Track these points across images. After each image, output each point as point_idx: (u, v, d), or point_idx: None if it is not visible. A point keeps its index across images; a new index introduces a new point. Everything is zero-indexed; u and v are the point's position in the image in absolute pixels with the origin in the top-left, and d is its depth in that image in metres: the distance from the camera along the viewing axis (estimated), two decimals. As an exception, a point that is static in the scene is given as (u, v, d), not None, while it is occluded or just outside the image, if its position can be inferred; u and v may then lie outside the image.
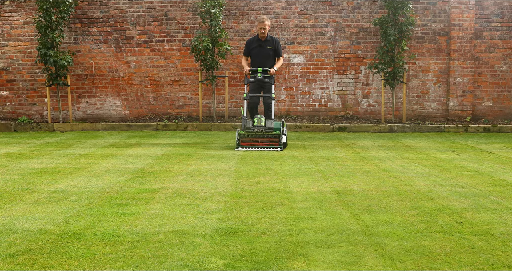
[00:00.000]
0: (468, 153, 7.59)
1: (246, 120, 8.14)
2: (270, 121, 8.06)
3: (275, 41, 8.61)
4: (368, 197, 4.67)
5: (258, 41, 8.62)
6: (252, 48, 8.66)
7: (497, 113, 11.51)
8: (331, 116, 11.59)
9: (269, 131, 7.93)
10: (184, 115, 11.71)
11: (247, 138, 7.93)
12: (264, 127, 7.95)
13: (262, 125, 7.97)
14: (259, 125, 7.97)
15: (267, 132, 7.91)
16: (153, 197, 4.68)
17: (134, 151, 7.75)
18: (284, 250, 3.21)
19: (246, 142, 7.92)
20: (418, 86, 11.51)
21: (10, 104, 11.94)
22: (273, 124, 8.04)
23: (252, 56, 8.72)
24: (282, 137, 7.89)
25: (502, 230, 3.63)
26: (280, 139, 7.85)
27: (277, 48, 8.56)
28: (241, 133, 7.96)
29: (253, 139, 7.94)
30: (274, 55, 8.63)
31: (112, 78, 11.77)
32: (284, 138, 7.96)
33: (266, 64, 8.49)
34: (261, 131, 7.93)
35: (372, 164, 6.56)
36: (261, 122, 8.00)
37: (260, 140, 7.93)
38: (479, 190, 4.96)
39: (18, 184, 5.27)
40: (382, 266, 2.93)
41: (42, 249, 3.24)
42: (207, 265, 2.95)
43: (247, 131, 7.99)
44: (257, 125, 7.98)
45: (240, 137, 7.93)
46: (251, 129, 7.97)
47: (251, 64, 8.68)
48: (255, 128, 7.97)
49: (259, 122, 8.00)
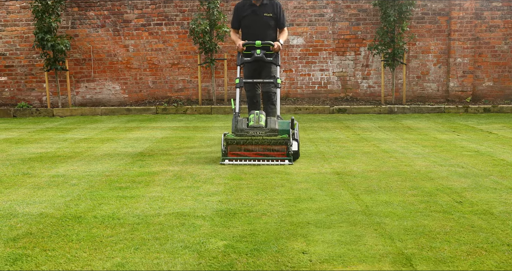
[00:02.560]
0: (468, 133, 7.58)
1: (238, 118, 5.63)
2: (274, 119, 5.57)
3: (276, 5, 6.25)
4: (368, 177, 4.67)
5: (252, 6, 6.21)
6: (243, 16, 6.25)
7: (497, 94, 11.47)
8: (331, 98, 11.56)
9: (272, 134, 5.42)
10: (184, 99, 11.68)
11: (238, 145, 5.38)
12: (264, 128, 5.47)
13: (261, 126, 5.48)
14: (257, 126, 5.47)
15: (269, 137, 5.40)
16: (153, 180, 4.69)
17: (134, 135, 7.75)
18: (284, 230, 3.22)
19: (236, 151, 5.39)
20: (418, 67, 11.45)
21: (9, 90, 11.90)
22: (278, 124, 5.54)
23: (243, 28, 6.31)
24: (292, 144, 5.40)
25: (501, 209, 3.64)
26: (289, 146, 5.33)
27: (279, 15, 6.24)
28: (229, 139, 5.37)
29: (248, 146, 5.38)
30: (275, 25, 6.27)
31: (110, 63, 11.72)
32: (295, 145, 5.41)
33: (265, 38, 6.11)
34: (260, 135, 5.41)
35: (372, 145, 6.55)
36: (260, 121, 5.51)
37: (258, 148, 5.40)
38: (479, 169, 4.96)
39: (18, 169, 5.27)
40: (382, 245, 2.94)
41: (43, 232, 3.24)
42: (208, 246, 2.96)
43: (238, 135, 5.44)
44: (254, 126, 5.48)
45: (228, 144, 5.37)
46: (245, 132, 5.44)
47: (244, 39, 6.27)
48: (251, 130, 5.44)
49: (257, 121, 5.51)
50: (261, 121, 5.52)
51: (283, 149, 5.33)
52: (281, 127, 5.50)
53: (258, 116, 5.55)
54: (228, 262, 2.72)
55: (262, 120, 5.53)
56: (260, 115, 5.57)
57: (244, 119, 5.58)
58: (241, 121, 5.54)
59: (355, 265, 2.66)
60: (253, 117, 5.56)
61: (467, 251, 2.84)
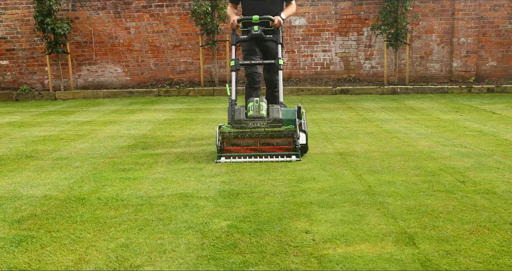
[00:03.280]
0: (472, 114, 7.55)
1: (235, 107, 4.90)
2: (277, 108, 4.83)
3: None
4: (371, 157, 4.67)
5: None
6: None
7: (501, 74, 11.39)
8: (334, 79, 11.50)
9: (275, 125, 4.71)
10: (186, 81, 11.65)
11: (235, 139, 4.65)
12: (266, 118, 4.74)
13: (262, 116, 4.75)
14: (257, 116, 4.74)
15: (271, 129, 4.65)
16: (156, 161, 4.70)
17: (136, 117, 7.75)
18: (287, 210, 3.23)
19: (233, 147, 4.67)
20: (421, 47, 11.37)
21: (11, 73, 11.87)
22: (282, 113, 4.81)
23: (244, 2, 5.59)
24: (299, 136, 4.70)
25: (504, 188, 3.64)
26: (296, 139, 4.62)
27: None
28: (225, 132, 4.66)
29: (247, 140, 4.66)
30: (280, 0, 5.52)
31: (112, 45, 11.66)
32: (303, 137, 4.72)
33: (269, 14, 5.31)
34: (261, 126, 4.69)
35: (375, 125, 6.54)
36: (261, 110, 4.79)
37: (259, 142, 4.67)
38: (482, 149, 4.96)
39: (21, 152, 5.28)
40: (384, 224, 2.95)
41: (47, 214, 3.26)
42: (211, 226, 2.97)
43: (236, 127, 4.72)
44: (254, 116, 4.74)
45: (224, 138, 4.66)
46: (243, 124, 4.70)
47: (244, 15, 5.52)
48: (251, 121, 4.71)
49: (257, 110, 4.79)
50: (262, 110, 4.79)
51: (289, 142, 4.64)
52: (286, 116, 4.80)
53: (258, 105, 4.81)
54: (232, 242, 2.73)
55: (263, 109, 4.80)
56: (261, 103, 4.83)
57: (242, 109, 4.83)
58: (239, 111, 4.80)
59: (357, 244, 2.68)
60: (252, 106, 4.81)
61: (470, 230, 2.85)
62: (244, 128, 4.68)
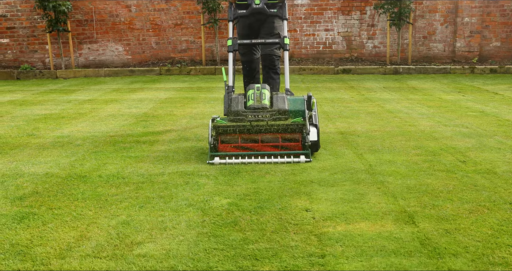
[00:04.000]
0: (474, 94, 7.52)
1: (232, 95, 4.13)
2: (282, 96, 4.08)
3: None
4: (372, 137, 4.66)
5: None
6: None
7: (505, 54, 11.31)
8: (336, 59, 11.44)
9: (280, 118, 3.97)
10: (187, 60, 11.59)
11: (231, 135, 3.95)
12: (269, 109, 3.99)
13: (265, 106, 3.99)
14: (259, 106, 3.99)
15: (275, 122, 3.94)
16: (157, 139, 4.70)
17: (138, 96, 7.73)
18: (287, 189, 3.24)
19: (230, 144, 3.97)
20: (424, 27, 11.27)
21: (12, 52, 11.81)
22: (288, 102, 4.06)
23: None
24: (310, 131, 3.94)
25: (505, 168, 3.64)
26: (305, 134, 3.90)
27: None
28: (219, 126, 3.94)
29: (246, 136, 3.95)
30: None
31: (113, 23, 11.57)
32: (314, 133, 3.95)
33: None
34: (263, 119, 3.95)
35: (377, 105, 6.52)
36: (263, 100, 4.03)
37: (261, 138, 3.94)
38: (483, 130, 4.95)
39: (23, 130, 5.29)
40: (384, 203, 2.96)
41: (49, 191, 3.28)
42: (212, 204, 2.98)
43: (233, 119, 4.00)
44: (254, 107, 3.99)
45: (219, 133, 3.95)
46: (242, 116, 3.97)
47: None
48: (251, 112, 3.98)
49: (258, 99, 4.03)
50: (265, 99, 4.02)
51: (297, 138, 3.94)
52: (293, 107, 4.04)
53: (259, 93, 4.04)
54: (232, 219, 2.75)
55: (266, 98, 4.03)
56: (263, 90, 4.06)
57: (241, 97, 4.07)
58: (236, 100, 4.04)
59: (357, 222, 2.69)
60: (253, 94, 4.04)
61: (469, 209, 2.86)
62: (242, 121, 3.95)
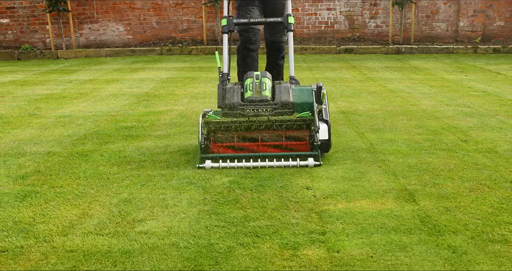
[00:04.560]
0: (476, 74, 7.49)
1: (227, 85, 3.53)
2: (286, 86, 3.48)
3: None
4: (374, 116, 4.66)
5: None
6: None
7: (508, 34, 11.21)
8: (338, 38, 11.36)
9: (283, 112, 3.41)
10: (188, 39, 11.52)
11: (226, 133, 3.40)
12: (271, 102, 3.42)
13: (265, 98, 3.41)
14: (258, 99, 3.40)
15: (278, 117, 3.37)
16: (158, 119, 4.70)
17: (139, 75, 7.71)
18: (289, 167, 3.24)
19: (224, 143, 3.39)
20: (427, 6, 11.16)
21: (12, 32, 11.75)
22: (292, 93, 3.46)
23: None
24: (319, 128, 3.31)
25: (506, 147, 3.64)
26: (314, 131, 3.31)
27: None
28: (211, 122, 3.38)
29: (243, 134, 3.40)
30: None
31: (113, 3, 11.48)
32: (325, 130, 3.35)
33: None
34: (263, 113, 3.38)
35: (378, 84, 6.50)
36: (263, 90, 3.44)
37: (261, 136, 3.38)
38: (485, 109, 4.93)
39: (24, 110, 5.29)
40: (385, 181, 2.97)
41: (51, 170, 3.29)
42: (213, 182, 2.99)
43: (228, 114, 3.44)
44: (253, 98, 3.41)
45: (211, 131, 3.39)
46: (238, 110, 3.41)
47: None
48: (249, 106, 3.40)
49: (258, 89, 3.44)
50: (265, 89, 3.43)
51: (304, 136, 3.36)
52: (299, 98, 3.45)
53: (259, 82, 3.46)
54: (233, 197, 2.76)
55: (267, 89, 3.44)
56: (263, 80, 3.47)
57: (237, 88, 3.48)
58: (232, 91, 3.45)
59: (358, 200, 2.70)
60: (251, 84, 3.46)
61: (470, 188, 2.87)
62: (239, 116, 3.39)
